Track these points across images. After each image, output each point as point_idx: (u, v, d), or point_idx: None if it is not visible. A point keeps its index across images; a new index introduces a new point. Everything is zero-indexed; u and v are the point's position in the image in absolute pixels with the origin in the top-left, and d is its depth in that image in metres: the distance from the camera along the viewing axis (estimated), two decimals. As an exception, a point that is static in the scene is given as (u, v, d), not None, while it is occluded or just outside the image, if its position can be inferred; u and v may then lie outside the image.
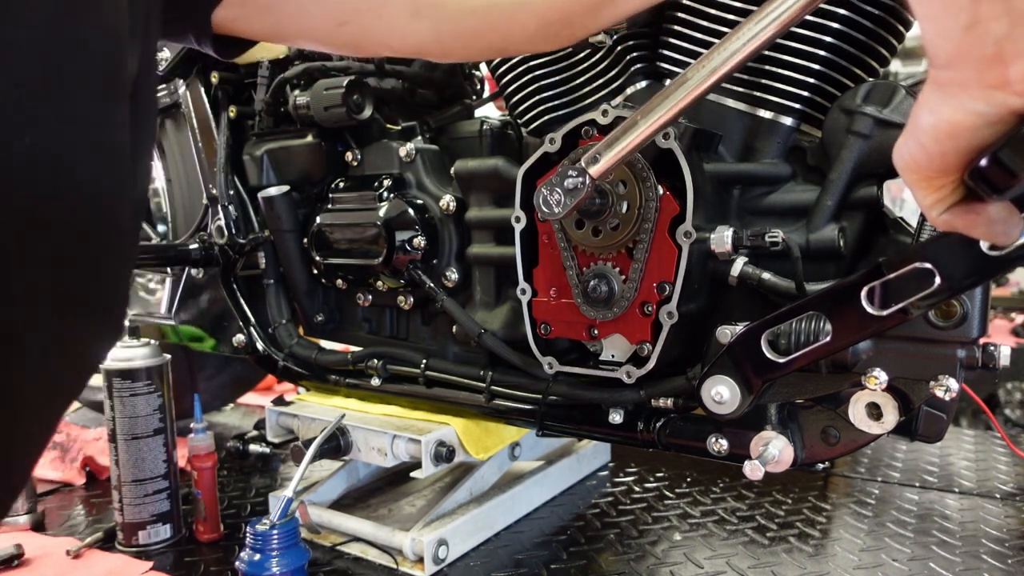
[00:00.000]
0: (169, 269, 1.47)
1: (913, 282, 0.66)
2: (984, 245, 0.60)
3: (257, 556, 0.93)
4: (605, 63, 1.00)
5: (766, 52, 0.89)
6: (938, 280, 0.63)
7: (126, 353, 1.16)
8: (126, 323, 1.53)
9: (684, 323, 0.85)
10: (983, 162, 0.45)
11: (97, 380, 1.78)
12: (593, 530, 1.20)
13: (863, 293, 0.68)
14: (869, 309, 0.68)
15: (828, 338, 0.71)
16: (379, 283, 1.20)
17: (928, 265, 0.63)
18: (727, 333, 0.79)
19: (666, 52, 0.94)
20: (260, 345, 1.33)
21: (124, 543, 1.16)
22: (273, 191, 1.24)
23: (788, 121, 0.89)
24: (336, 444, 1.13)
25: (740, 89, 0.92)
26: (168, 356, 1.19)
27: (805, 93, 0.88)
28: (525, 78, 1.06)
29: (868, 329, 0.69)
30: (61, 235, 0.48)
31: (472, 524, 1.14)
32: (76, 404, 2.03)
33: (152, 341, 1.19)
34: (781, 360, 0.75)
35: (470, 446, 1.13)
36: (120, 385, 1.14)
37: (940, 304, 0.66)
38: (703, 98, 0.66)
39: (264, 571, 0.92)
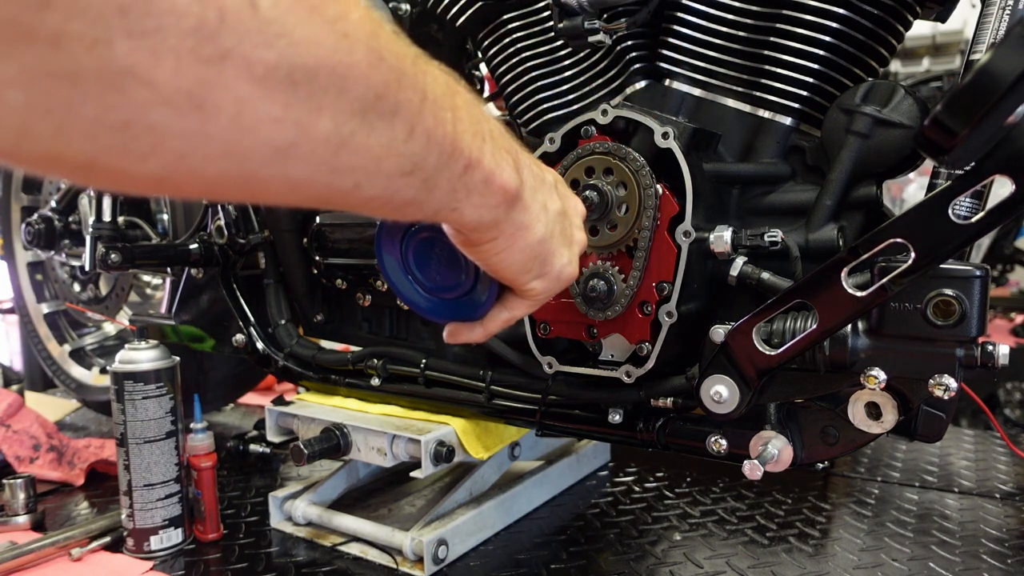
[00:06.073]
0: (169, 269, 1.47)
1: (890, 258, 0.68)
2: (953, 215, 0.63)
3: None
4: (604, 63, 1.00)
5: (765, 52, 0.89)
6: (913, 254, 0.66)
7: (135, 355, 1.12)
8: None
9: (683, 323, 0.85)
10: (924, 123, 0.49)
11: (102, 381, 1.81)
12: (593, 530, 1.20)
13: (843, 274, 0.70)
14: (850, 290, 0.69)
15: (815, 324, 0.72)
16: (379, 283, 1.20)
17: (902, 240, 0.66)
18: (720, 332, 0.80)
19: (665, 52, 0.95)
20: (260, 345, 1.33)
21: (134, 549, 1.12)
22: (273, 191, 1.24)
23: (787, 121, 0.90)
24: (336, 444, 1.13)
25: (739, 89, 0.92)
26: (178, 358, 1.17)
27: (804, 93, 0.88)
28: (524, 78, 1.06)
29: (852, 310, 0.70)
30: None
31: (472, 524, 1.14)
32: (76, 404, 2.03)
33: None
34: (774, 352, 0.75)
35: (470, 446, 1.13)
36: (131, 388, 1.10)
37: (918, 278, 0.67)
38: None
39: None
